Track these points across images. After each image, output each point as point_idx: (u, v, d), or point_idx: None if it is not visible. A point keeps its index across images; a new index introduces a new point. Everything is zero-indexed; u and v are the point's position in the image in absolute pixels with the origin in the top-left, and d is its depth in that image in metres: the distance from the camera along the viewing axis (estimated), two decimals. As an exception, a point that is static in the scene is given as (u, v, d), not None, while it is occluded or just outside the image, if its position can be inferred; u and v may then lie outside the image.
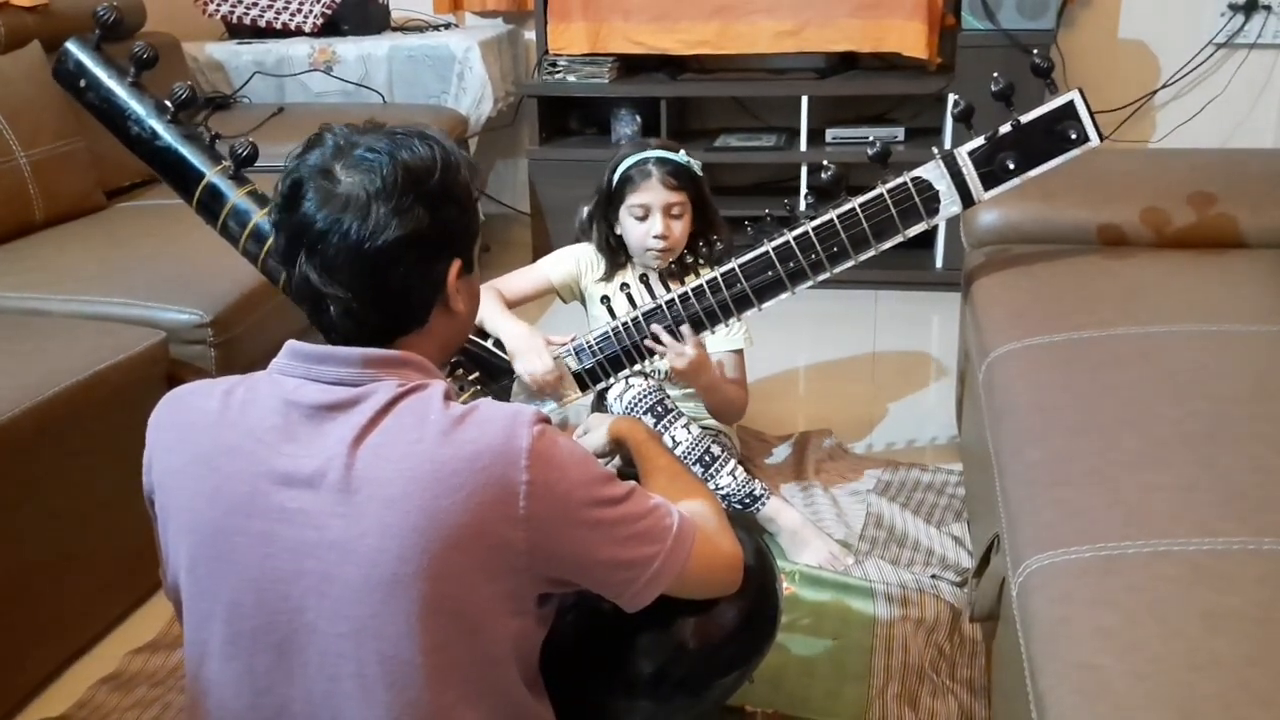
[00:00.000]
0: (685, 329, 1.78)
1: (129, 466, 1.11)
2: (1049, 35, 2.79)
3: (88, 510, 1.70)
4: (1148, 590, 1.04)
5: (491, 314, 1.90)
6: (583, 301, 2.09)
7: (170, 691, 1.59)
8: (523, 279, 2.05)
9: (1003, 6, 2.76)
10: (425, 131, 1.05)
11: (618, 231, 1.97)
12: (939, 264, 3.04)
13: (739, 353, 2.01)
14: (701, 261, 1.88)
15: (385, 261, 0.99)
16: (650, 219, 1.90)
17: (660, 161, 1.90)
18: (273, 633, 0.99)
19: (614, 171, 1.94)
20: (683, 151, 1.94)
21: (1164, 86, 3.14)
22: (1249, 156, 2.34)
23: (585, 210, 2.01)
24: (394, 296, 1.02)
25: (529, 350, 1.83)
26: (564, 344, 1.85)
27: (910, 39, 2.85)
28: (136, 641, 1.71)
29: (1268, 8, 3.00)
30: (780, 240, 1.76)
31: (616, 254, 2.00)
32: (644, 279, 1.81)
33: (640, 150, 1.93)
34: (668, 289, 1.79)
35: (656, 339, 1.79)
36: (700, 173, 1.94)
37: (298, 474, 0.97)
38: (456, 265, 1.05)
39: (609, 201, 1.95)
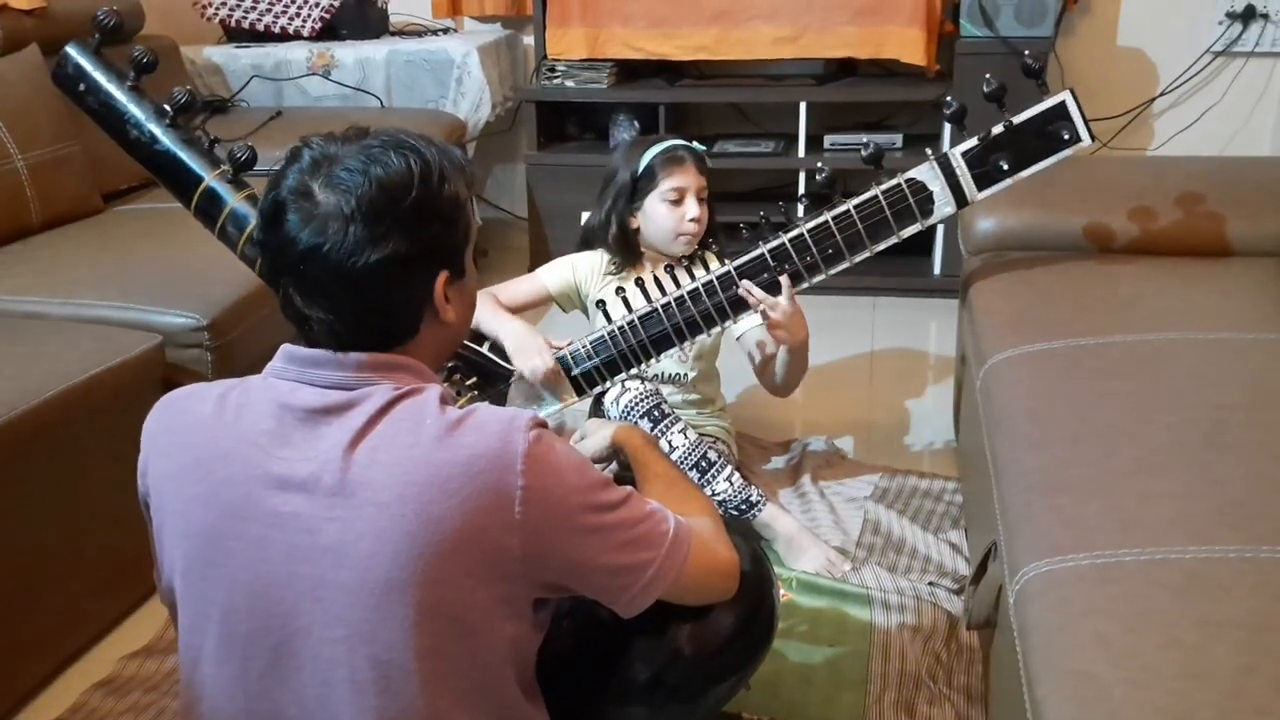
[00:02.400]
0: (784, 280, 1.76)
1: (124, 470, 1.11)
2: (1047, 43, 2.80)
3: (83, 514, 1.70)
4: (1144, 598, 1.04)
5: (488, 315, 1.89)
6: (584, 309, 2.08)
7: (165, 696, 1.58)
8: (520, 287, 2.05)
9: (1001, 14, 2.77)
10: (404, 140, 1.02)
11: (634, 226, 1.98)
12: (937, 270, 3.04)
13: None
14: (695, 260, 1.88)
15: (366, 283, 0.98)
16: (686, 202, 1.94)
17: (688, 148, 1.98)
18: (267, 637, 0.98)
19: (638, 162, 1.95)
20: (695, 143, 2.02)
21: (1162, 94, 3.14)
22: (1246, 164, 2.35)
23: (601, 209, 2.01)
24: (378, 315, 1.01)
25: (530, 348, 1.83)
26: (561, 348, 1.84)
27: (909, 46, 2.85)
28: (131, 646, 1.71)
29: (1265, 16, 3.00)
30: (776, 242, 1.76)
31: (630, 251, 2.00)
32: (639, 283, 1.81)
33: (658, 142, 1.99)
34: (663, 292, 1.79)
35: (749, 294, 1.76)
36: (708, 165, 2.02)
37: (292, 478, 0.96)
38: (443, 277, 1.03)
39: (632, 194, 1.96)
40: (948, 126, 2.85)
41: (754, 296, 1.75)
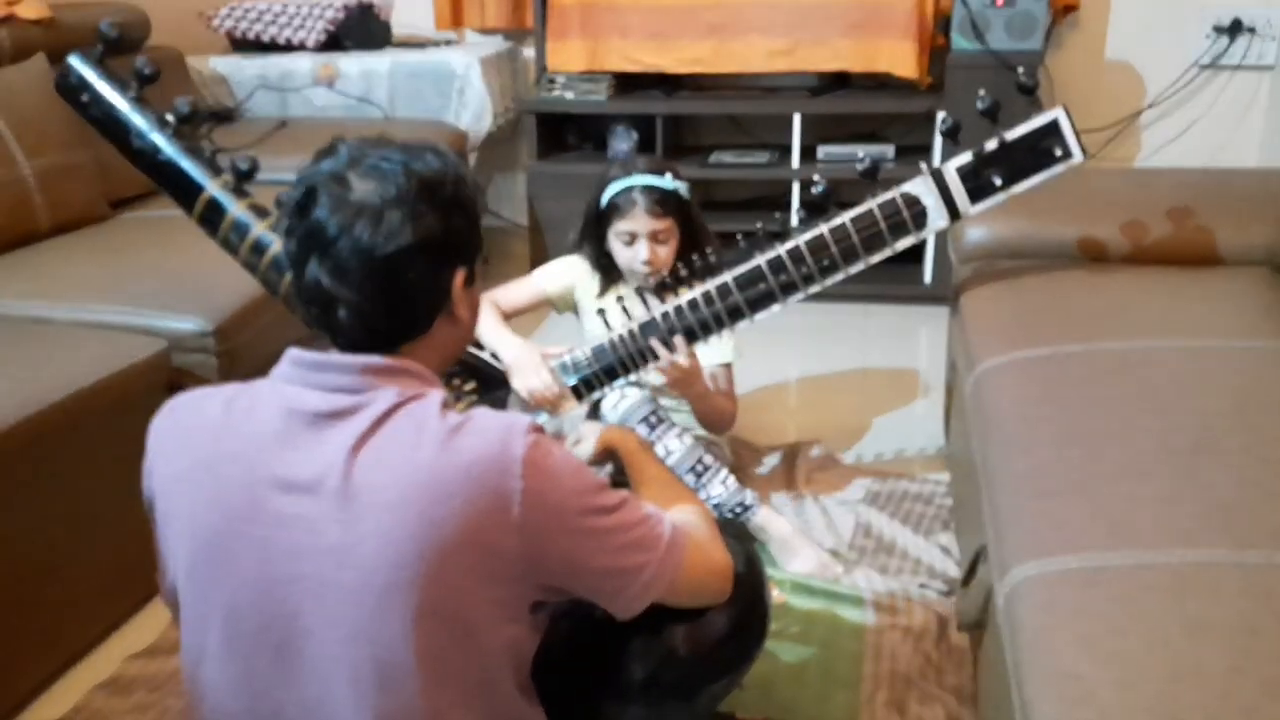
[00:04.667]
0: (678, 339, 1.79)
1: (130, 473, 1.12)
2: (1036, 56, 2.82)
3: (88, 516, 1.71)
4: (1131, 600, 1.05)
5: (489, 328, 1.91)
6: (577, 313, 2.11)
7: (169, 696, 1.59)
8: (518, 290, 2.06)
9: (991, 27, 2.80)
10: (436, 147, 1.07)
11: (608, 250, 1.99)
12: (928, 279, 3.06)
13: (728, 366, 2.03)
14: (693, 274, 1.90)
15: (396, 266, 1.00)
16: (637, 245, 1.91)
17: (646, 190, 1.88)
18: (269, 636, 1.00)
19: (601, 194, 1.94)
20: (669, 175, 1.91)
21: (1149, 107, 3.17)
22: (1232, 176, 2.37)
23: (577, 232, 2.03)
24: (402, 300, 1.03)
25: (527, 366, 1.85)
26: (560, 354, 1.86)
27: (901, 59, 2.88)
28: (135, 646, 1.72)
29: (1252, 30, 3.03)
30: (772, 253, 1.78)
31: (609, 271, 2.02)
32: (639, 292, 1.84)
33: (627, 174, 1.91)
34: (662, 301, 1.82)
35: (653, 351, 1.81)
36: (688, 195, 1.93)
37: (297, 480, 0.98)
38: (461, 274, 1.06)
39: (598, 222, 1.97)
40: (939, 138, 2.88)
41: (657, 353, 1.78)
